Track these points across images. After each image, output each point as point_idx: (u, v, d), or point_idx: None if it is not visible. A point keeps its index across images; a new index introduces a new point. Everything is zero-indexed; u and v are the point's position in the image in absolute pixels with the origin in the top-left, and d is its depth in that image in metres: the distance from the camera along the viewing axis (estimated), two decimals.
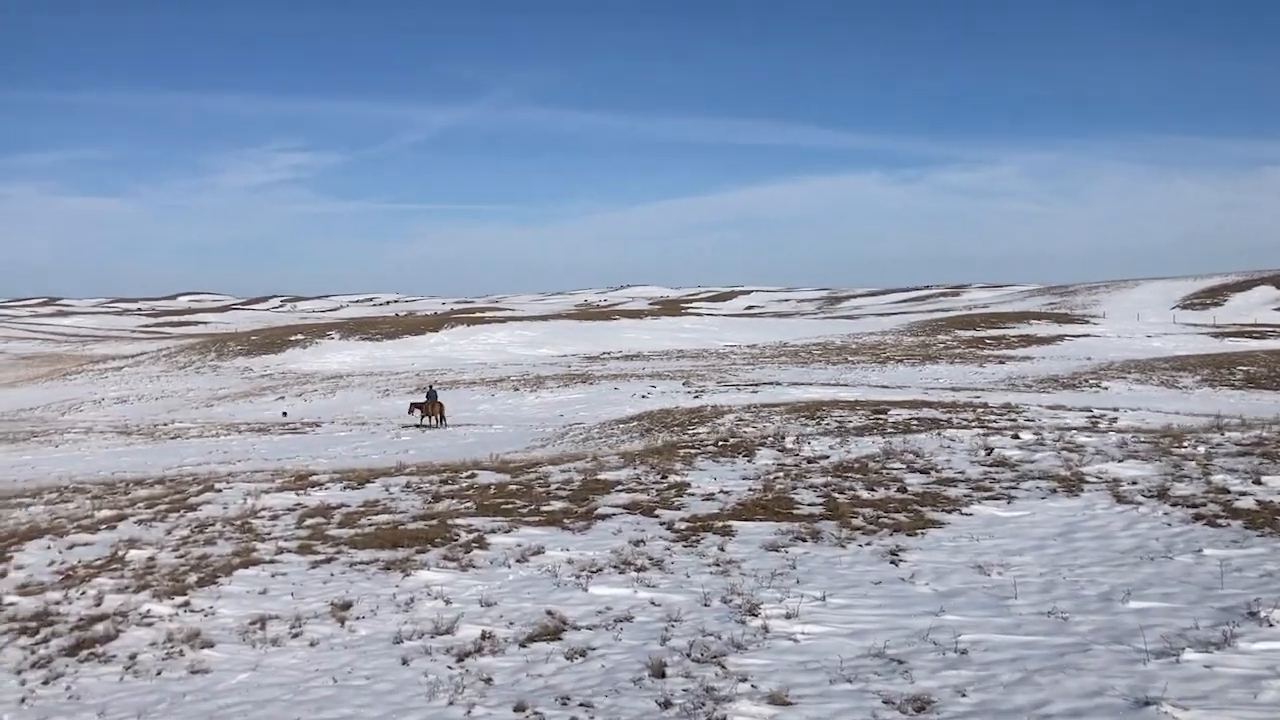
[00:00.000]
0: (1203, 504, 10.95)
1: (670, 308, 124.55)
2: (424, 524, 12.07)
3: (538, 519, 12.06)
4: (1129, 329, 74.96)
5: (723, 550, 10.21)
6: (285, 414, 41.15)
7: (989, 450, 15.18)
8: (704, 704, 6.47)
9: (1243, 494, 11.27)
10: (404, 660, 7.63)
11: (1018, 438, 16.59)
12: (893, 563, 9.58)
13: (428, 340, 65.48)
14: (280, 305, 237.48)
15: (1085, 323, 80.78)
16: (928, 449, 15.66)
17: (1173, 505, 11.01)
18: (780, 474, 14.11)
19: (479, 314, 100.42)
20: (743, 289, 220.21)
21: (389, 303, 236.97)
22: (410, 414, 33.94)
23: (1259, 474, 12.01)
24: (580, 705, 6.63)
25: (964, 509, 11.55)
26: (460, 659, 7.60)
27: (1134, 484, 12.12)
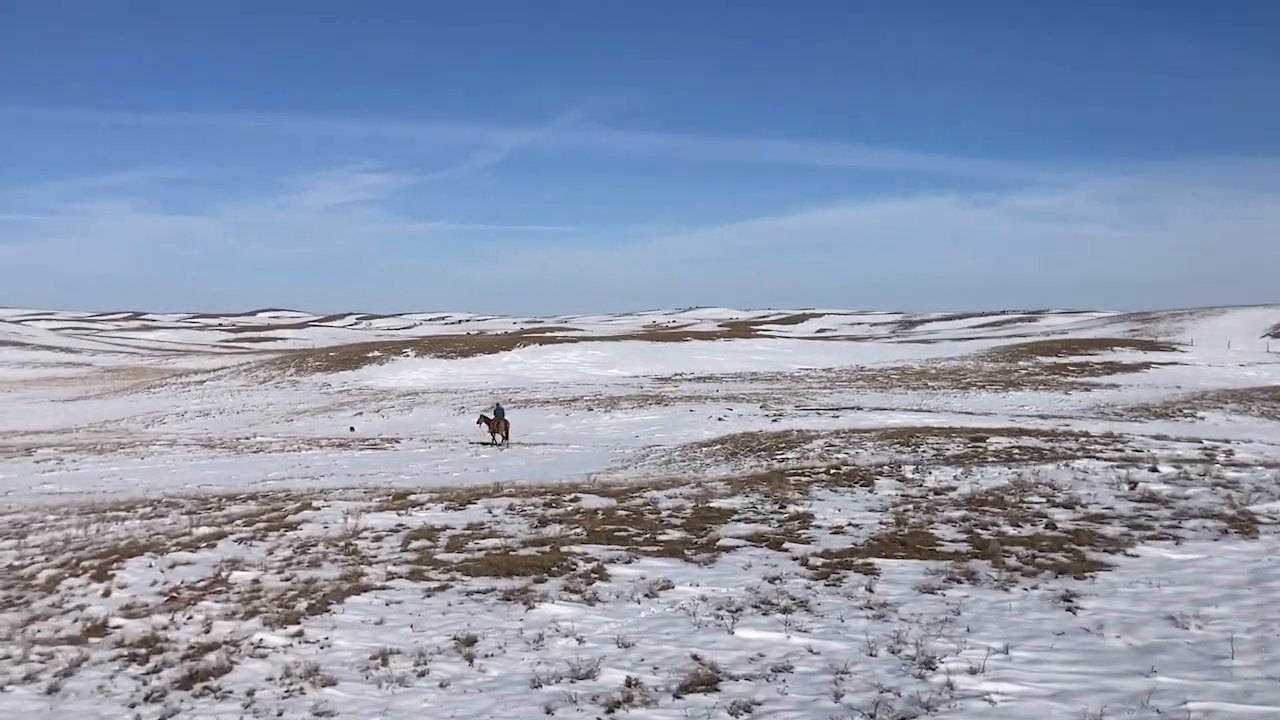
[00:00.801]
0: None
1: (740, 329, 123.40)
2: (536, 550, 11.38)
3: (656, 549, 11.29)
4: (1219, 357, 71.95)
5: (871, 591, 9.31)
6: (353, 429, 41.12)
7: (1132, 484, 14.03)
8: None
9: None
10: (548, 710, 6.87)
11: (1156, 470, 15.40)
12: (1069, 610, 8.58)
13: (500, 359, 65.40)
14: (355, 323, 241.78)
15: (1172, 350, 77.85)
16: (1061, 481, 14.57)
17: None
18: (909, 506, 13.16)
19: (550, 334, 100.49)
20: (813, 311, 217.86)
21: (460, 321, 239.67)
22: (479, 425, 34.67)
23: None
24: None
25: (1127, 550, 10.48)
26: (610, 710, 6.82)
27: None
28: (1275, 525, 11.20)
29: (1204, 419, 40.55)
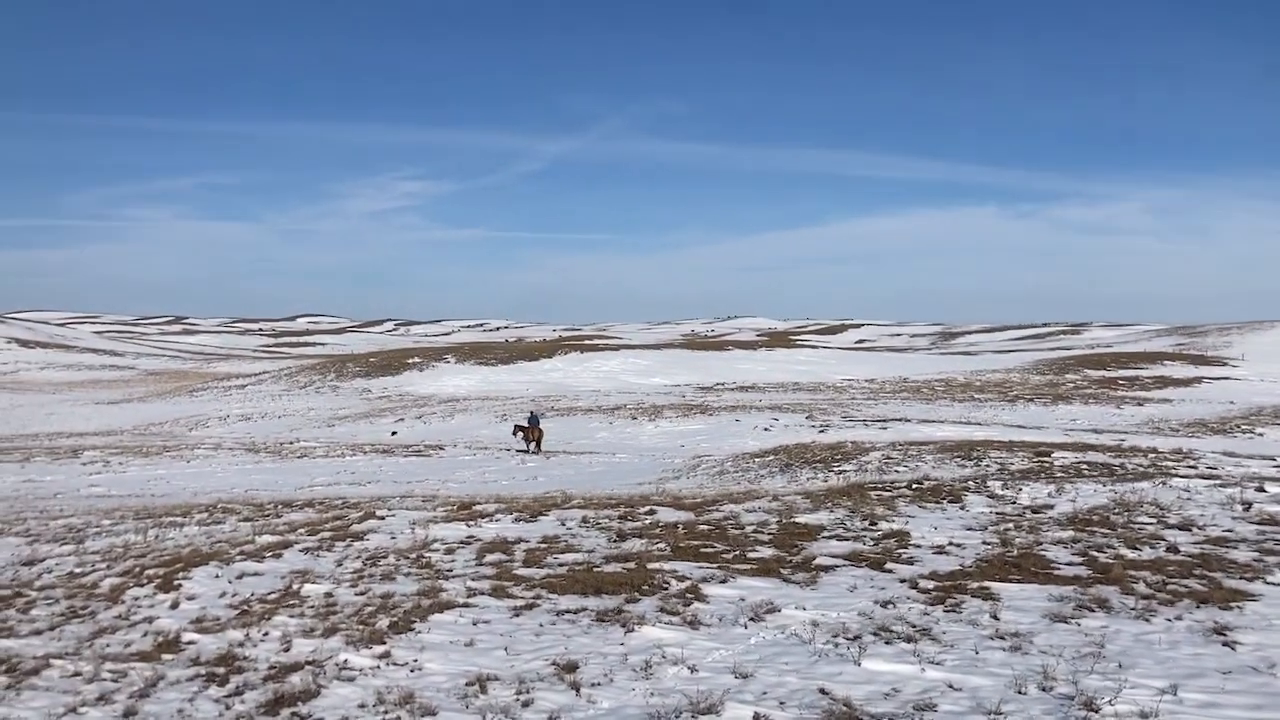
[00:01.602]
0: None
1: (780, 339, 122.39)
2: (620, 567, 10.74)
3: (749, 567, 10.61)
4: (1272, 372, 70.17)
5: (997, 619, 8.57)
6: (395, 433, 40.77)
7: (1246, 505, 13.17)
8: None
9: None
10: None
11: (1264, 490, 14.51)
12: (1225, 645, 7.81)
13: (541, 366, 65.01)
14: (394, 329, 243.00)
15: (1223, 365, 76.11)
16: (1166, 500, 13.72)
17: None
18: (1009, 525, 12.38)
19: (590, 341, 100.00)
20: (852, 322, 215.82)
21: (498, 328, 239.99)
22: (514, 434, 34.07)
23: None
24: None
25: (1266, 578, 9.67)
26: None
27: None
28: None
29: (1263, 435, 39.31)
